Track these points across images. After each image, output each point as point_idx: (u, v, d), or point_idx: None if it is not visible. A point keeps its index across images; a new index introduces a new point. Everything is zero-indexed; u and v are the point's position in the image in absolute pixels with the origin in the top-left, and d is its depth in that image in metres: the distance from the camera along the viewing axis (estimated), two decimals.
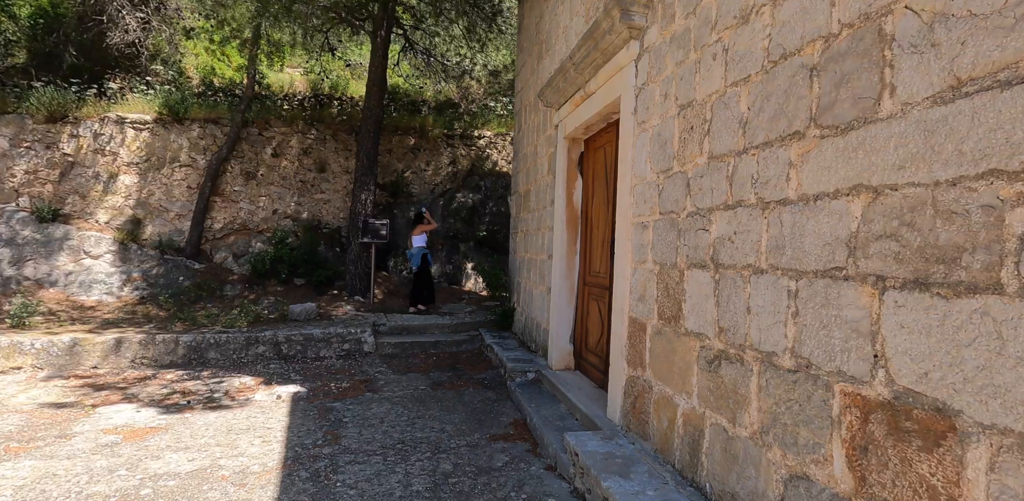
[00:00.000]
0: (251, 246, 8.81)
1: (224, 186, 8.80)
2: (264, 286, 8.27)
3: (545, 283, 5.40)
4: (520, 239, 6.90)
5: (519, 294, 6.80)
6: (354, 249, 8.26)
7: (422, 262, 7.89)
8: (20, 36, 10.20)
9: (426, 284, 7.95)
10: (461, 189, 9.95)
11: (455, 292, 9.16)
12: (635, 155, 3.24)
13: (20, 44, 10.30)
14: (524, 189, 6.76)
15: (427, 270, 7.97)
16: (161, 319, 6.79)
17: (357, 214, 8.24)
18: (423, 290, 7.95)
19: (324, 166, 9.34)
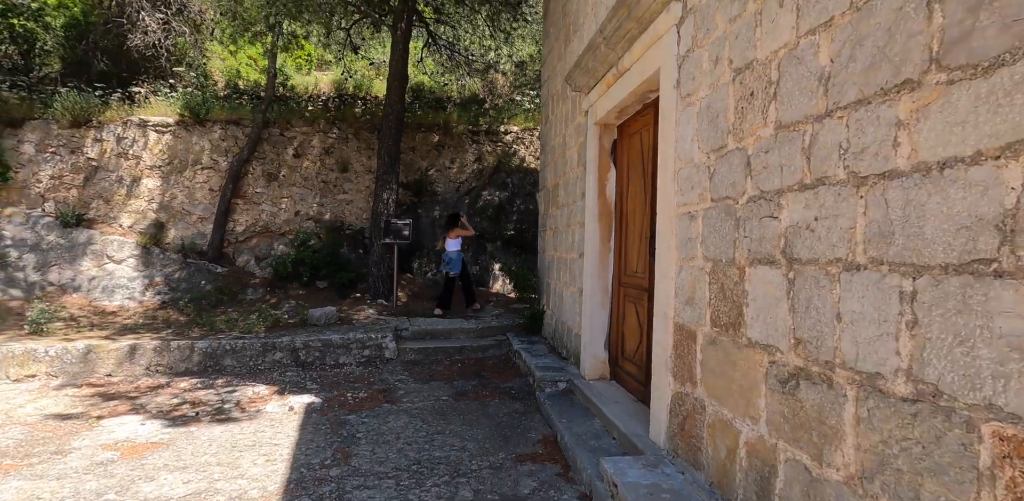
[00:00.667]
0: (273, 249, 8.64)
1: (246, 188, 8.66)
2: (286, 289, 8.07)
3: (576, 284, 4.97)
4: (549, 237, 6.49)
5: (549, 296, 6.39)
6: (376, 250, 7.99)
7: (461, 266, 7.58)
8: (55, 46, 10.35)
9: (465, 283, 7.68)
10: (487, 187, 9.59)
11: (482, 294, 8.79)
12: (679, 134, 2.79)
13: (54, 53, 10.45)
14: (552, 183, 6.35)
15: (465, 272, 7.67)
16: (180, 324, 6.63)
17: (379, 214, 7.97)
18: (467, 290, 7.68)
19: (346, 166, 9.12)
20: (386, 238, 7.55)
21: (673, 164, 2.83)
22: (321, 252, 8.23)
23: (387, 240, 7.55)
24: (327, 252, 8.27)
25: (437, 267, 8.90)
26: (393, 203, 8.06)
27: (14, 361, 5.11)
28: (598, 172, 4.45)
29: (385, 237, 7.57)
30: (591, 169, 4.50)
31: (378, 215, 7.97)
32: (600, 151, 4.45)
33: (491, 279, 9.28)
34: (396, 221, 7.67)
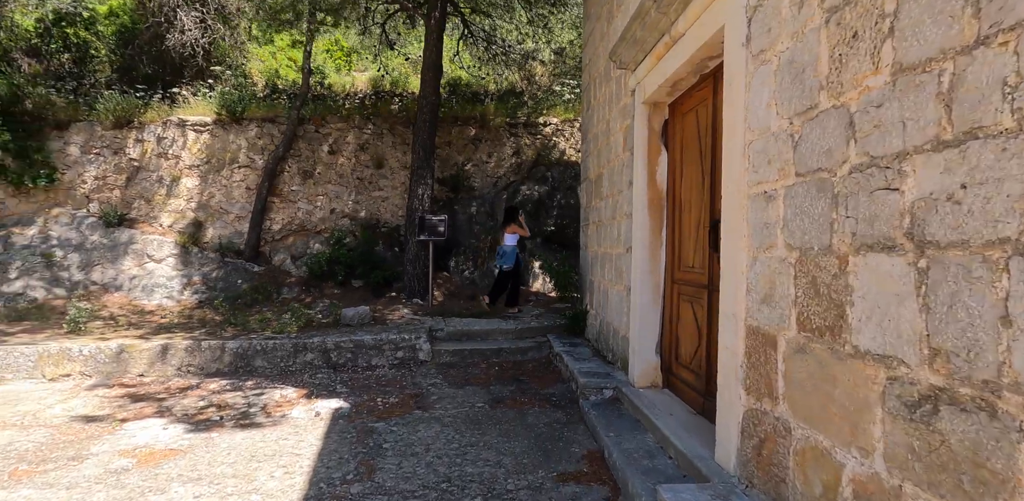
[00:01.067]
0: (309, 247, 8.54)
1: (282, 186, 8.59)
2: (321, 288, 7.94)
3: (623, 281, 4.54)
4: (592, 232, 6.06)
5: (592, 295, 5.96)
6: (411, 248, 7.75)
7: (515, 262, 7.28)
8: (106, 53, 10.63)
9: (513, 284, 7.38)
10: (526, 181, 9.23)
11: (522, 293, 8.43)
12: (750, 100, 2.34)
13: (105, 60, 10.74)
14: (595, 174, 5.92)
15: (517, 270, 7.35)
16: (215, 324, 6.56)
17: (414, 210, 7.72)
18: (512, 290, 7.38)
19: (381, 162, 8.94)
20: (421, 235, 7.29)
21: (742, 136, 2.38)
22: (356, 250, 8.05)
23: (422, 237, 7.29)
24: (362, 250, 8.09)
25: (474, 265, 8.60)
26: (428, 199, 7.80)
27: (50, 360, 5.08)
28: (647, 156, 4.00)
29: (420, 234, 7.31)
30: (639, 154, 4.06)
31: (413, 211, 7.73)
32: (649, 133, 4.00)
33: (531, 277, 8.90)
34: (431, 217, 7.41)
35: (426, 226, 7.30)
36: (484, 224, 8.85)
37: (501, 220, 7.72)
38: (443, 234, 7.33)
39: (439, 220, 7.36)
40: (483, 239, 8.63)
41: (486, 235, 8.63)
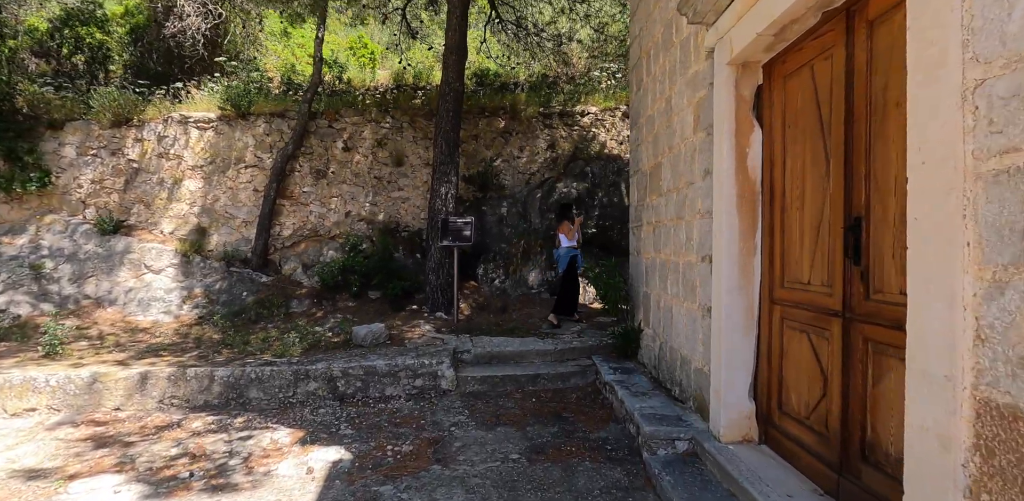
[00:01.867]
0: (322, 254, 7.81)
1: (292, 187, 7.90)
2: (334, 301, 7.19)
3: (696, 299, 3.59)
4: (646, 234, 5.11)
5: (648, 311, 5.01)
6: (434, 255, 6.92)
7: (568, 265, 6.43)
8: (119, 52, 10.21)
9: (569, 292, 6.51)
10: (562, 178, 8.31)
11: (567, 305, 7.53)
12: (983, 9, 1.39)
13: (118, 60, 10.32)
14: (650, 165, 4.97)
15: (573, 275, 6.48)
16: (212, 344, 5.85)
17: (436, 212, 6.90)
18: (566, 298, 6.52)
19: (401, 158, 8.16)
20: (444, 240, 6.46)
21: (959, 75, 1.43)
22: (373, 258, 7.28)
23: (445, 243, 6.46)
24: (379, 258, 7.31)
25: (505, 273, 7.73)
26: (452, 199, 6.97)
27: (12, 392, 4.42)
28: (734, 136, 3.05)
29: (443, 239, 6.48)
30: (722, 133, 3.11)
31: (435, 213, 6.91)
32: (737, 104, 3.05)
33: None
34: (456, 220, 6.57)
35: (450, 229, 6.47)
36: (516, 226, 7.97)
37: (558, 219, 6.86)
38: (469, 239, 6.48)
39: (464, 223, 6.52)
40: (515, 243, 7.76)
41: (519, 239, 7.75)
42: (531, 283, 7.69)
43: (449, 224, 6.52)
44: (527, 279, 7.69)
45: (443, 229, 6.51)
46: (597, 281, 5.46)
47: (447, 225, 6.50)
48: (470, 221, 6.54)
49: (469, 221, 6.53)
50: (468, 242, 6.45)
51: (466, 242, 6.45)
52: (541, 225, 8.00)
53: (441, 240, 6.49)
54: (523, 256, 7.68)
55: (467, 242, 6.45)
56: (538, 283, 7.72)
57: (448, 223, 6.52)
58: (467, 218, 6.58)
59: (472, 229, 6.50)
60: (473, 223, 6.56)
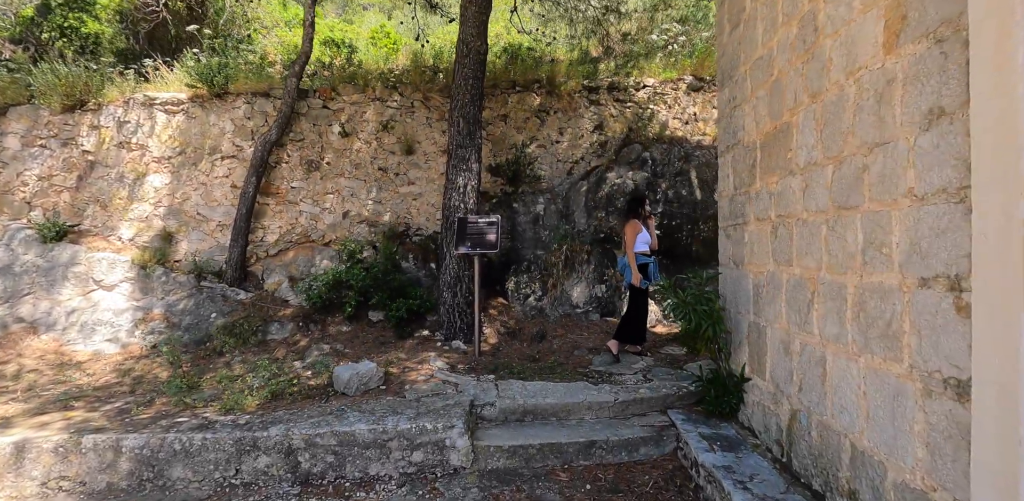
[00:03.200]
0: (314, 264, 6.47)
1: (277, 182, 6.59)
2: (323, 325, 5.82)
3: (903, 357, 2.00)
4: (756, 236, 3.52)
5: (761, 352, 3.41)
6: (449, 267, 5.47)
7: (647, 278, 4.95)
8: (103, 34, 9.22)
9: (636, 315, 4.97)
10: (614, 166, 6.75)
11: (611, 327, 5.97)
12: None
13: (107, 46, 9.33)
14: (763, 132, 3.39)
15: (641, 292, 4.94)
16: (151, 387, 4.53)
17: (453, 209, 5.45)
18: (632, 324, 5.00)
19: (412, 145, 6.76)
20: (461, 246, 5.01)
21: None
22: (375, 269, 5.87)
23: (463, 249, 5.00)
24: (382, 269, 5.90)
25: (542, 288, 6.22)
26: (474, 192, 5.51)
27: None
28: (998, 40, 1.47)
29: (460, 245, 5.02)
30: (991, 31, 1.53)
31: (451, 211, 5.46)
32: None
33: (623, 303, 6.40)
34: (477, 220, 5.12)
35: (469, 232, 5.01)
36: (556, 228, 6.46)
37: (623, 217, 5.33)
38: (495, 244, 5.00)
39: (488, 224, 5.05)
40: (555, 250, 6.23)
41: (559, 244, 6.22)
42: (575, 301, 6.16)
43: (468, 225, 5.06)
44: (570, 295, 6.16)
45: (460, 232, 5.05)
46: (680, 309, 3.85)
47: (465, 227, 5.05)
48: (496, 221, 5.07)
49: (494, 221, 5.06)
50: (493, 249, 4.97)
51: (490, 249, 4.97)
52: (588, 226, 6.46)
53: (458, 246, 5.03)
54: (565, 266, 6.15)
55: (492, 249, 4.97)
56: (585, 300, 6.17)
57: (467, 224, 5.07)
58: (492, 217, 5.11)
59: (498, 232, 5.02)
60: (500, 224, 5.09)
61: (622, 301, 6.28)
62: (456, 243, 5.03)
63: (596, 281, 6.25)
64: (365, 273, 5.80)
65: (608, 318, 6.21)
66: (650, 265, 4.94)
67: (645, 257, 4.91)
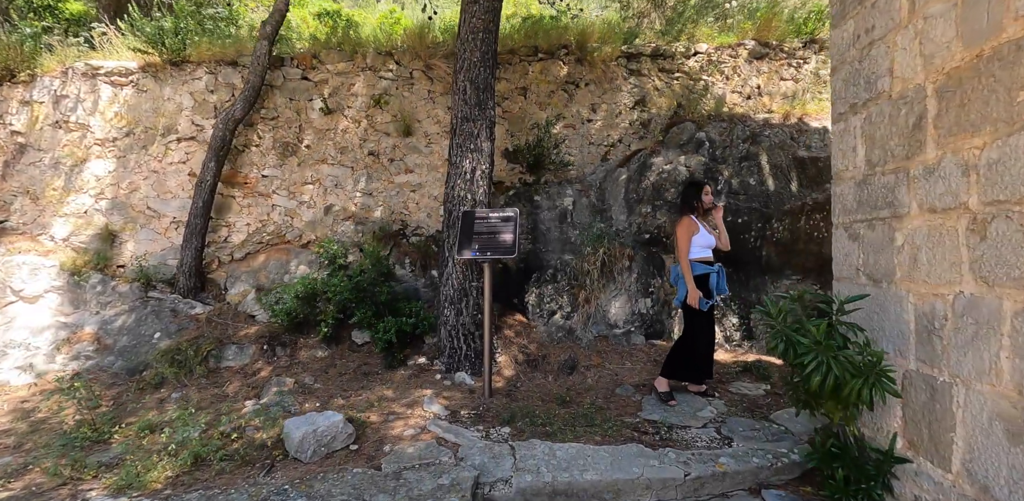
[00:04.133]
0: (289, 270, 5.34)
1: (245, 170, 5.48)
2: (293, 348, 4.67)
3: None
4: (916, 238, 2.29)
5: (937, 423, 2.16)
6: (453, 275, 4.29)
7: (710, 294, 3.77)
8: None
9: (694, 342, 3.74)
10: (660, 149, 5.52)
11: (659, 353, 4.73)
12: None
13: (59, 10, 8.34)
14: (936, 72, 2.16)
15: (700, 313, 3.72)
16: (53, 437, 3.41)
17: (457, 201, 4.27)
18: (683, 354, 3.81)
19: (410, 125, 5.61)
20: (466, 249, 3.80)
21: None
22: (359, 278, 4.71)
23: (468, 254, 3.79)
24: (369, 278, 4.73)
25: (571, 302, 5.01)
26: (484, 180, 4.33)
27: None
28: None
29: (465, 247, 3.82)
30: None
31: (454, 203, 4.28)
32: None
33: (674, 323, 5.15)
34: (489, 215, 3.93)
35: (477, 232, 3.82)
36: (589, 227, 5.24)
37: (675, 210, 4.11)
38: (511, 247, 3.79)
39: (502, 220, 3.86)
40: (588, 255, 5.01)
41: (593, 246, 5.00)
42: (613, 319, 4.94)
43: (477, 222, 3.87)
44: (607, 312, 4.94)
45: (466, 231, 3.86)
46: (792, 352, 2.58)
47: (473, 224, 3.86)
48: (513, 217, 3.87)
49: (511, 216, 3.86)
50: (510, 253, 3.74)
51: (506, 253, 3.75)
52: (629, 224, 5.23)
53: (462, 249, 3.83)
54: (601, 274, 4.93)
55: (508, 253, 3.75)
56: (625, 318, 4.95)
57: (475, 220, 3.88)
58: (508, 212, 3.91)
59: (516, 230, 3.81)
60: (517, 220, 3.87)
61: (673, 319, 5.04)
62: (460, 245, 3.82)
63: (639, 293, 5.02)
64: (348, 282, 4.63)
65: (655, 341, 4.97)
66: (712, 276, 3.72)
67: (705, 265, 3.70)
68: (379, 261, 4.82)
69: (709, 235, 3.78)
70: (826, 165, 5.03)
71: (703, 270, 3.70)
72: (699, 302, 3.65)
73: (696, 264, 3.72)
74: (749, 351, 4.96)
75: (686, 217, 3.82)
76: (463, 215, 3.92)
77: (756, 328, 5.00)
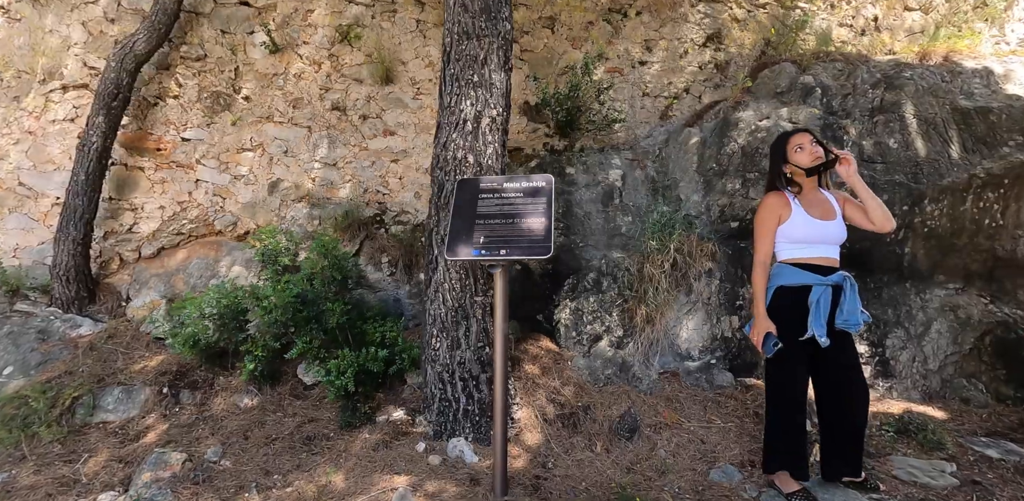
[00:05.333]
0: (217, 272, 3.84)
1: (159, 130, 3.96)
2: (207, 391, 3.17)
3: None
4: None
5: None
6: (446, 286, 2.72)
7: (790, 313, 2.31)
8: None
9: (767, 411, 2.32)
10: (747, 101, 3.92)
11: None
12: None
13: None
14: None
15: (774, 365, 2.26)
16: None
17: (450, 166, 2.71)
18: (767, 432, 2.38)
19: (391, 69, 4.06)
20: (462, 245, 2.22)
21: None
22: (309, 287, 3.16)
23: (467, 253, 2.19)
24: (321, 286, 3.19)
25: (624, 321, 3.45)
26: (497, 132, 2.76)
27: None
28: None
29: (458, 240, 2.23)
30: None
31: (447, 169, 2.72)
32: None
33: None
34: (504, 186, 2.35)
35: (479, 214, 2.26)
36: (647, 211, 3.68)
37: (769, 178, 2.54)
38: (542, 239, 2.18)
39: (525, 193, 2.30)
40: (652, 253, 3.43)
41: (655, 239, 3.42)
42: (684, 346, 3.39)
43: (481, 197, 2.31)
44: (676, 336, 3.39)
45: (463, 212, 2.29)
46: None
47: (474, 200, 2.30)
48: (544, 188, 2.30)
49: (541, 188, 2.30)
50: (541, 252, 2.13)
51: (534, 251, 2.15)
52: (707, 206, 3.66)
53: (454, 243, 2.23)
54: (668, 282, 3.36)
55: (538, 251, 2.14)
56: (702, 345, 3.40)
57: (478, 194, 2.32)
58: (535, 180, 2.34)
59: (550, 211, 2.22)
60: (552, 195, 2.29)
61: None
62: (453, 236, 2.24)
63: (722, 309, 3.46)
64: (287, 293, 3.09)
65: (746, 379, 3.42)
66: (816, 292, 2.22)
67: (805, 271, 2.23)
68: (338, 260, 3.28)
69: (816, 220, 2.28)
70: (1003, 119, 3.43)
71: (797, 279, 2.20)
72: (765, 343, 2.21)
73: (785, 269, 2.23)
74: (887, 396, 3.39)
75: (770, 194, 2.34)
76: (459, 186, 2.36)
77: (897, 361, 3.43)
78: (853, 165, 2.31)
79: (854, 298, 2.24)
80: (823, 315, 2.22)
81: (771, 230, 2.33)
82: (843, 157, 2.32)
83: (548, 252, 2.10)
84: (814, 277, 2.23)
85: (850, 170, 2.30)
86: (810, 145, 2.35)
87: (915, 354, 3.45)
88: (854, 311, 2.23)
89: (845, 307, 2.23)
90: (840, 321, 2.23)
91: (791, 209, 2.31)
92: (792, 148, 2.37)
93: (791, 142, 2.39)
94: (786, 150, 2.39)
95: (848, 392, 2.24)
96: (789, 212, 2.31)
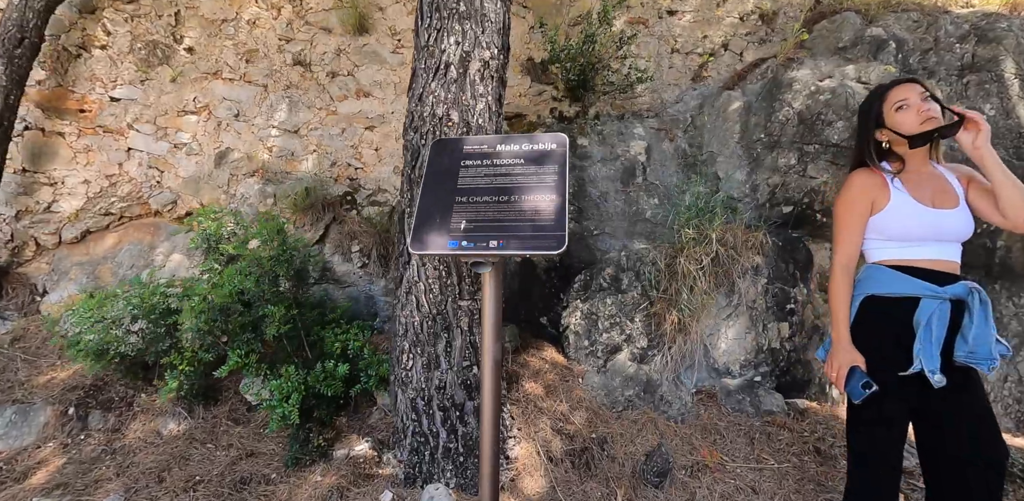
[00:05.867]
0: (152, 260, 3.18)
1: (82, 88, 3.27)
2: (123, 413, 2.52)
3: None
4: None
5: None
6: (419, 286, 2.06)
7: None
8: None
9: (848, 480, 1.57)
10: (801, 58, 3.21)
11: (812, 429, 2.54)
12: None
13: None
14: None
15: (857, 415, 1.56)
16: None
17: (427, 124, 2.03)
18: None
19: (367, 15, 3.36)
20: (433, 233, 1.55)
21: None
22: (247, 282, 2.50)
23: (440, 246, 1.53)
24: (267, 284, 2.54)
25: (646, 329, 2.79)
26: (490, 80, 2.07)
27: None
28: None
29: (427, 225, 1.56)
30: None
31: (424, 129, 2.03)
32: None
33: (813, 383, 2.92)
34: (498, 149, 1.67)
35: (460, 186, 1.58)
36: (676, 193, 3.00)
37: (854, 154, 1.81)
38: (554, 227, 1.51)
39: (528, 158, 1.61)
40: (685, 243, 2.76)
41: (695, 225, 2.75)
42: (722, 360, 2.74)
43: (464, 163, 1.63)
44: (713, 347, 2.75)
45: (435, 184, 1.61)
46: None
47: (455, 168, 1.62)
48: (556, 151, 1.61)
49: (551, 150, 1.61)
50: (551, 247, 1.47)
51: (541, 245, 1.49)
52: (752, 187, 2.98)
53: (422, 230, 1.57)
54: (707, 282, 2.70)
55: (547, 246, 1.48)
56: (744, 358, 2.75)
57: (460, 160, 1.64)
58: (541, 140, 1.65)
59: (564, 186, 1.55)
60: (566, 161, 1.61)
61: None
62: (422, 220, 1.58)
63: (770, 313, 2.80)
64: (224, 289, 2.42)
65: (798, 401, 2.77)
66: (925, 308, 1.52)
67: (909, 278, 1.52)
68: (288, 249, 2.61)
69: (926, 208, 1.57)
70: None
71: (897, 288, 1.53)
72: (849, 381, 1.52)
73: (880, 272, 1.56)
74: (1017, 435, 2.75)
75: (858, 172, 1.65)
76: (434, 149, 1.69)
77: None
78: (985, 130, 1.60)
79: (985, 319, 1.55)
80: (937, 342, 1.53)
81: (859, 222, 1.63)
82: (970, 118, 1.60)
83: (560, 245, 1.43)
84: (924, 286, 1.54)
85: (979, 138, 1.59)
86: (919, 101, 1.64)
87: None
88: (985, 338, 1.52)
89: (972, 332, 1.52)
90: (963, 352, 1.52)
91: (889, 192, 1.61)
92: (891, 105, 1.66)
93: (890, 97, 1.67)
94: (882, 109, 1.68)
95: (971, 459, 1.55)
96: (886, 197, 1.61)
